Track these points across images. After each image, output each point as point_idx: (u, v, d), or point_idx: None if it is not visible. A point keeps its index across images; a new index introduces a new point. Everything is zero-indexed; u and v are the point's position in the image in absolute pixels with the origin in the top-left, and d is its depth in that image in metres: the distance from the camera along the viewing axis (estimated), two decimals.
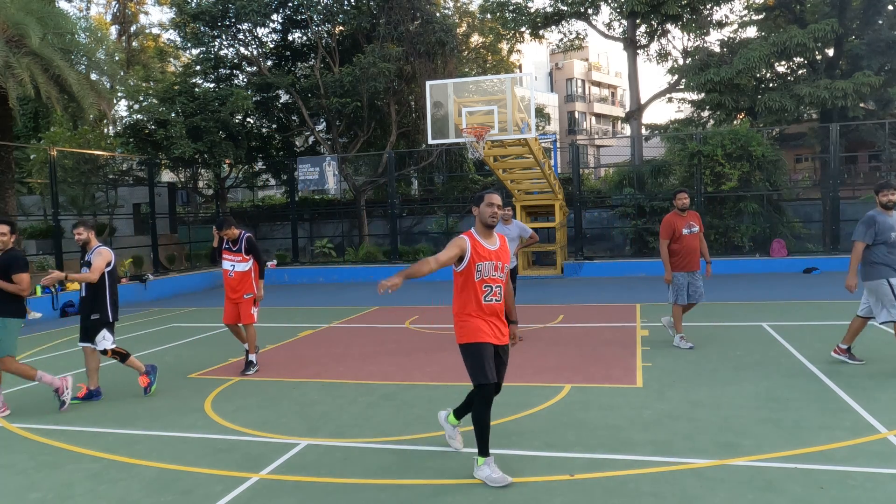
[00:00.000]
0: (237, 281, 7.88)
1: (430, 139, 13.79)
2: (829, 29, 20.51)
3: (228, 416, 6.17)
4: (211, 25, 23.38)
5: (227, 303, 8.01)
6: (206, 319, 12.81)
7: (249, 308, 7.91)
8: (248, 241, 7.91)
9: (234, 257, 7.90)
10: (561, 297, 14.00)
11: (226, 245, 7.96)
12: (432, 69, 23.20)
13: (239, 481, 4.59)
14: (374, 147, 25.73)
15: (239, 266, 7.89)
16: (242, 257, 7.88)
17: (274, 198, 31.49)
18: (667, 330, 8.89)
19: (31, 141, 26.79)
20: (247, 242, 7.88)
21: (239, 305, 7.91)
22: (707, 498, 4.03)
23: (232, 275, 7.89)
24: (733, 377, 6.80)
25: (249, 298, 7.90)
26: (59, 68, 15.42)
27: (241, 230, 7.99)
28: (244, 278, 7.89)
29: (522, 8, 26.23)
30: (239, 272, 7.89)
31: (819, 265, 16.92)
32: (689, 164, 18.93)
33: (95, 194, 20.11)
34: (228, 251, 7.93)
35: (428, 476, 4.56)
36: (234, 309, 7.96)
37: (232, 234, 7.82)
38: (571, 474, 4.47)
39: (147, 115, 21.77)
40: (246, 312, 7.91)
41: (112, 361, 8.98)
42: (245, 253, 7.86)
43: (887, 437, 4.89)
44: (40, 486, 4.68)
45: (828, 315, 10.36)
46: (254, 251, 7.93)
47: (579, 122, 58.88)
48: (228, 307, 8.01)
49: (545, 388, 6.67)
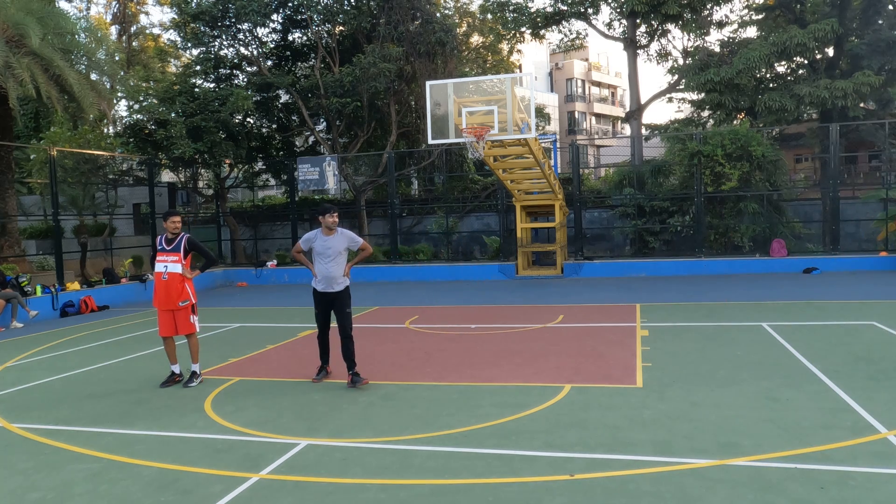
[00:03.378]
0: (171, 283, 7.30)
1: (430, 139, 13.78)
2: (829, 29, 20.50)
3: (228, 416, 6.17)
4: (211, 25, 23.38)
5: (162, 314, 7.43)
6: (206, 319, 12.80)
7: (188, 316, 7.40)
8: (189, 241, 7.41)
9: (169, 257, 7.33)
10: (561, 297, 14.00)
11: (160, 245, 7.44)
12: (432, 69, 23.20)
13: (239, 481, 4.59)
14: (374, 147, 25.73)
15: (172, 267, 7.32)
16: (179, 257, 7.32)
17: (274, 198, 31.47)
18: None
19: (31, 141, 26.78)
20: (187, 242, 7.39)
21: (175, 314, 7.37)
22: (707, 498, 4.03)
23: (165, 276, 7.31)
24: (733, 377, 6.80)
25: (187, 306, 7.38)
26: (60, 68, 15.43)
27: (182, 232, 7.52)
28: (179, 282, 7.33)
29: (523, 8, 26.24)
30: (173, 273, 7.31)
31: (819, 265, 16.92)
32: (689, 164, 18.92)
33: (95, 194, 20.07)
34: (163, 251, 7.38)
35: (428, 476, 4.56)
36: (169, 319, 7.40)
37: (331, 222, 7.15)
38: (571, 474, 4.47)
39: (147, 115, 21.75)
40: (185, 321, 7.40)
41: (109, 361, 8.99)
42: (184, 255, 7.35)
43: (887, 437, 4.89)
44: (40, 486, 4.68)
45: (828, 315, 10.36)
46: (197, 248, 7.46)
47: (579, 122, 58.86)
48: (163, 318, 7.42)
49: (545, 388, 6.67)
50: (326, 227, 7.17)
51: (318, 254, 7.21)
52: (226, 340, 10.35)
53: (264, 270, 20.77)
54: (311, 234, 7.29)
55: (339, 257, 7.18)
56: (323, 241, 7.19)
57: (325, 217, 7.15)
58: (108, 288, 16.15)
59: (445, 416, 5.90)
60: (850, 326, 9.26)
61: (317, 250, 7.22)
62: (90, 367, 8.66)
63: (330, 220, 7.14)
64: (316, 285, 7.30)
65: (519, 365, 7.79)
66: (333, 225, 7.21)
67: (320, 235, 7.21)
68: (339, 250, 7.17)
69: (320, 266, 7.19)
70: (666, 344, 8.60)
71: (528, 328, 10.24)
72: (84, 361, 9.07)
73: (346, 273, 7.27)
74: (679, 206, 19.56)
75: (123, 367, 8.41)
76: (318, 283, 7.25)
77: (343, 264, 7.24)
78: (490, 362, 7.98)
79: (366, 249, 7.43)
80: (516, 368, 7.64)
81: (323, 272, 7.16)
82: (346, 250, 7.27)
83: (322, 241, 7.19)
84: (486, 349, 8.74)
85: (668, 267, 17.97)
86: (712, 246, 19.07)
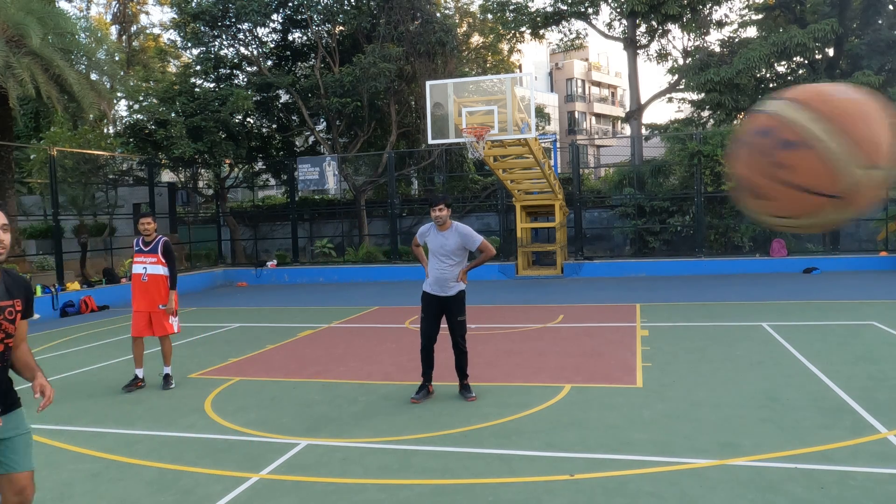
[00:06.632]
0: (151, 285, 7.26)
1: (430, 139, 13.79)
2: (829, 29, 20.51)
3: (228, 416, 6.17)
4: (211, 25, 23.37)
5: (136, 315, 7.33)
6: (206, 319, 12.80)
7: (166, 318, 7.32)
8: (166, 246, 7.34)
9: (147, 258, 7.29)
10: (561, 297, 14.00)
11: (137, 247, 7.38)
12: (432, 69, 23.19)
13: (239, 481, 4.58)
14: (374, 147, 25.73)
15: (152, 269, 7.26)
16: (158, 258, 7.27)
17: (274, 198, 31.46)
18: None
19: (32, 141, 26.77)
20: (164, 246, 7.31)
21: (152, 316, 7.29)
22: (707, 498, 4.03)
23: (145, 278, 7.26)
24: (733, 377, 6.80)
25: (164, 310, 7.32)
26: (60, 68, 15.42)
27: (159, 234, 7.47)
28: (158, 283, 7.28)
29: (523, 8, 26.24)
30: (152, 275, 7.26)
31: (819, 265, 16.92)
32: (689, 164, 18.93)
33: (95, 194, 20.09)
34: (140, 252, 7.33)
35: (428, 476, 4.56)
36: (145, 320, 7.29)
37: (435, 216, 6.33)
38: (571, 474, 4.47)
39: (147, 115, 21.75)
40: (163, 323, 7.30)
41: (109, 361, 8.99)
42: (162, 256, 7.29)
43: (887, 437, 4.89)
44: (40, 486, 4.66)
45: (828, 315, 10.36)
46: (170, 258, 7.34)
47: (579, 122, 58.85)
48: (138, 319, 7.32)
49: (545, 388, 6.67)
50: (436, 221, 6.32)
51: (431, 252, 6.41)
52: (226, 340, 10.35)
53: (264, 270, 20.77)
54: (425, 228, 6.49)
55: (453, 257, 6.30)
56: (436, 236, 6.36)
57: (431, 210, 6.32)
58: (108, 288, 16.15)
59: (445, 416, 5.90)
60: (850, 326, 9.26)
61: (430, 247, 6.42)
62: (90, 367, 8.66)
63: (434, 213, 6.27)
64: (426, 287, 6.51)
65: (519, 365, 7.80)
66: (441, 219, 6.28)
67: (434, 230, 6.38)
68: (451, 249, 6.27)
69: (432, 264, 6.40)
70: (666, 344, 8.60)
71: (528, 328, 10.25)
72: (84, 361, 9.07)
73: (461, 277, 6.37)
74: (679, 206, 19.57)
75: (123, 367, 8.41)
76: (429, 284, 6.47)
77: (458, 265, 6.34)
78: (490, 362, 7.98)
79: (486, 251, 6.34)
80: (516, 368, 7.64)
81: (434, 272, 6.38)
82: (461, 249, 6.31)
83: (435, 236, 6.37)
84: (486, 349, 8.74)
85: (668, 267, 17.97)
86: (712, 246, 19.08)
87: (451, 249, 6.27)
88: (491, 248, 6.37)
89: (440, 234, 6.33)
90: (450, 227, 6.32)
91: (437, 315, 6.48)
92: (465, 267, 6.38)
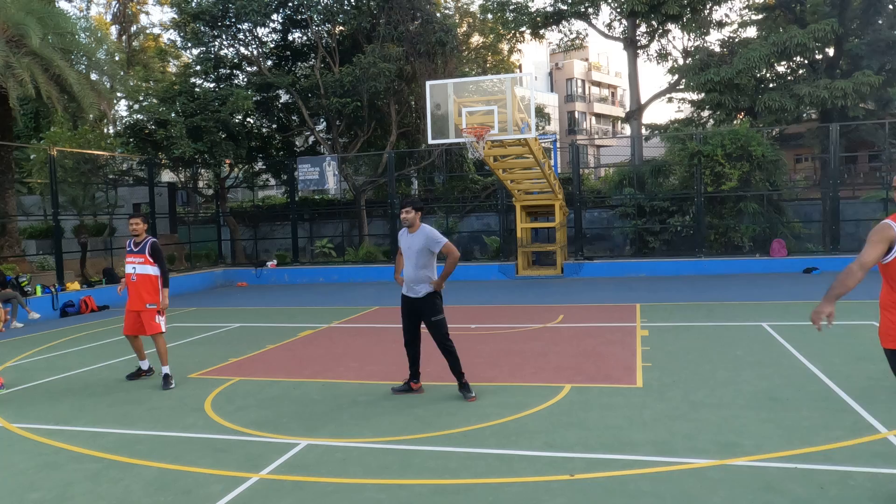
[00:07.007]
0: (140, 285, 7.39)
1: (430, 139, 13.78)
2: (829, 29, 20.51)
3: (228, 416, 6.17)
4: (211, 25, 23.37)
5: (127, 313, 7.53)
6: (206, 319, 12.81)
7: (153, 317, 7.42)
8: (153, 247, 7.46)
9: (136, 259, 7.43)
10: (561, 297, 14.00)
11: (128, 247, 7.55)
12: (432, 69, 23.19)
13: (239, 481, 4.59)
14: (374, 147, 25.72)
15: (141, 269, 7.41)
16: (146, 259, 7.41)
17: (274, 198, 31.47)
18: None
19: (32, 141, 26.78)
20: (151, 247, 7.44)
21: (141, 315, 7.42)
22: (707, 498, 4.03)
23: (134, 278, 7.40)
24: (733, 377, 6.80)
25: (153, 309, 7.42)
26: (60, 68, 15.42)
27: (148, 235, 7.60)
28: (147, 283, 7.41)
29: (523, 8, 26.23)
30: (141, 275, 7.40)
31: (819, 265, 16.91)
32: (689, 164, 18.92)
33: (95, 194, 20.09)
34: (130, 252, 7.49)
35: (428, 476, 4.56)
36: (135, 319, 7.47)
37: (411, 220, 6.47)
38: (571, 474, 4.47)
39: (147, 115, 21.76)
40: (150, 322, 7.41)
41: (109, 361, 8.99)
42: (149, 256, 7.42)
43: (887, 437, 4.89)
44: (40, 486, 4.68)
45: None
46: (158, 258, 7.47)
47: (579, 122, 58.85)
48: (128, 318, 7.52)
49: (545, 388, 6.67)
50: (404, 222, 6.45)
51: (403, 253, 6.61)
52: (226, 340, 10.35)
53: (264, 270, 20.77)
54: (402, 230, 6.65)
55: (420, 258, 6.37)
56: (405, 238, 6.55)
57: (401, 212, 6.47)
58: (108, 288, 16.14)
59: (445, 416, 5.90)
60: (849, 326, 9.26)
61: (401, 249, 6.63)
62: (90, 367, 8.66)
63: (402, 215, 6.46)
64: (402, 288, 6.69)
65: (519, 365, 7.79)
66: (408, 221, 6.42)
67: (405, 232, 6.57)
68: (417, 249, 6.38)
69: (405, 266, 6.58)
70: (666, 344, 8.60)
71: (528, 328, 10.25)
72: (84, 361, 9.07)
73: (434, 282, 6.42)
74: (679, 206, 19.56)
75: (123, 367, 8.41)
76: (404, 285, 6.64)
77: (426, 266, 6.41)
78: (490, 362, 7.97)
79: (451, 253, 6.37)
80: (516, 368, 7.64)
81: (405, 273, 6.57)
82: (426, 250, 6.38)
83: (404, 238, 6.56)
84: (486, 349, 8.74)
85: (668, 267, 17.97)
86: (712, 246, 19.07)
87: (416, 250, 6.41)
88: (455, 251, 6.44)
89: (409, 235, 6.52)
90: (418, 228, 6.48)
91: (410, 315, 6.64)
92: (439, 278, 6.46)
